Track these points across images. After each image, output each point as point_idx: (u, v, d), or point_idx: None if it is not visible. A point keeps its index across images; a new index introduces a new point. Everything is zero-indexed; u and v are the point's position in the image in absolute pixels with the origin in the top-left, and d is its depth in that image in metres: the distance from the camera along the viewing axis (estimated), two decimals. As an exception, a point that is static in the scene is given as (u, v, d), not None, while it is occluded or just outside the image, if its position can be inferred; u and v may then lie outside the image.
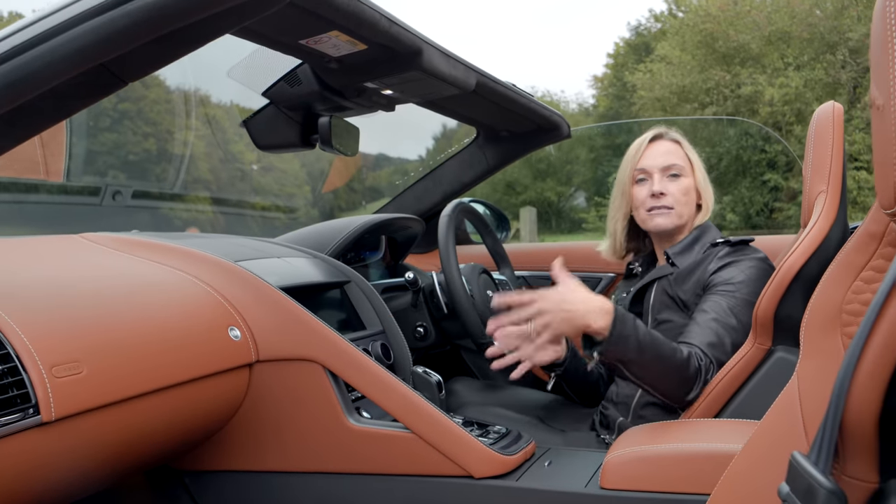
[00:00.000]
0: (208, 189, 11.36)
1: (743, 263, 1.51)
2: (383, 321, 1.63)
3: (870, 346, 0.58)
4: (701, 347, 1.41)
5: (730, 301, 1.46)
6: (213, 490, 1.39)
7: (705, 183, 1.67)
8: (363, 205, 14.82)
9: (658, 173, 1.64)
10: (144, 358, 1.10)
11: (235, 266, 1.37)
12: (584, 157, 20.01)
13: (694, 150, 1.69)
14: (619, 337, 1.30)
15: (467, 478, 1.27)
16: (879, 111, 0.78)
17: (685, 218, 1.64)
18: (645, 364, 1.34)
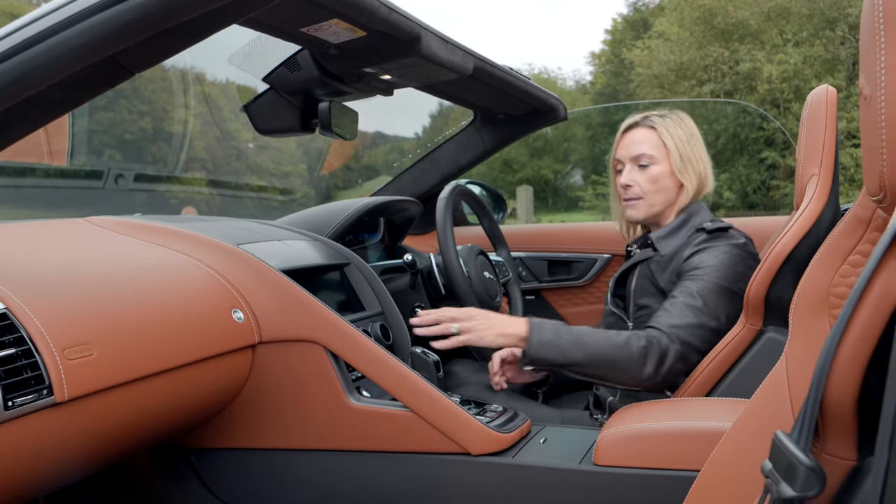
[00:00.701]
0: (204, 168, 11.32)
1: (716, 249, 1.51)
2: (382, 302, 1.66)
3: (850, 330, 0.61)
4: (659, 327, 1.43)
5: (698, 284, 1.46)
6: (217, 467, 1.43)
7: (687, 164, 1.62)
8: (359, 183, 14.80)
9: (629, 163, 1.65)
10: (151, 340, 1.13)
11: (238, 249, 1.40)
12: (581, 134, 19.97)
13: (678, 131, 1.63)
14: (537, 345, 1.42)
15: (465, 455, 1.31)
16: (867, 101, 0.80)
17: (659, 206, 1.63)
18: (578, 363, 1.41)
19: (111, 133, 8.33)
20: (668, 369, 1.40)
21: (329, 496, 1.38)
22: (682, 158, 1.62)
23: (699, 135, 1.67)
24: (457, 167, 2.17)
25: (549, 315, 2.29)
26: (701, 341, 1.43)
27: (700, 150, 1.65)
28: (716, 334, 1.44)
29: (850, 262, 1.01)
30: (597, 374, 1.42)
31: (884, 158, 0.77)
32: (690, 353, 1.43)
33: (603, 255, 2.21)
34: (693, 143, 1.65)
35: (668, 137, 1.62)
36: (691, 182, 1.62)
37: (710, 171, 1.67)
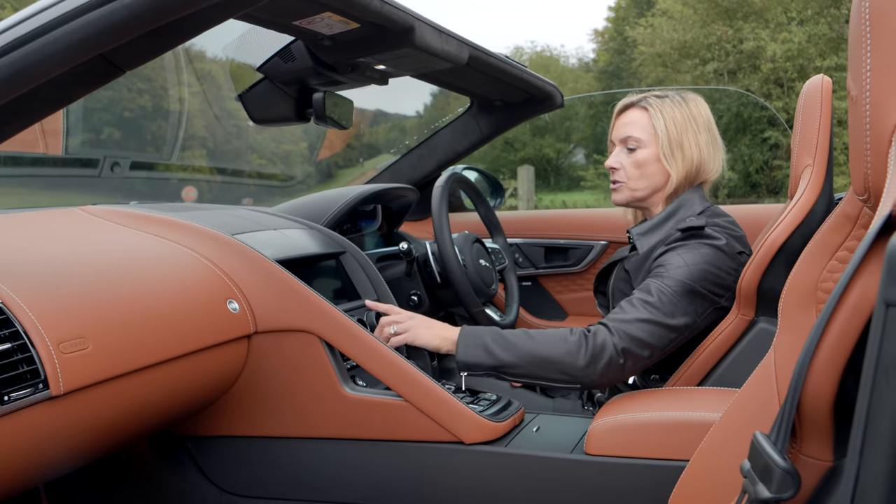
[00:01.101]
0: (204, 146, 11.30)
1: (685, 248, 1.45)
2: (378, 291, 1.68)
3: (828, 334, 0.62)
4: (605, 322, 1.39)
5: (658, 282, 1.41)
6: (214, 454, 1.45)
7: (676, 151, 1.54)
8: (360, 162, 14.76)
9: (618, 145, 1.60)
10: (146, 332, 1.14)
11: (233, 239, 1.40)
12: (584, 113, 19.89)
13: (674, 114, 1.55)
14: (465, 347, 1.40)
15: (458, 443, 1.32)
16: (853, 101, 0.81)
17: (642, 191, 1.58)
18: (510, 365, 1.38)
19: (111, 111, 8.31)
20: (607, 364, 1.35)
21: (324, 484, 1.40)
22: (671, 144, 1.54)
23: (706, 120, 1.58)
24: (453, 154, 2.17)
25: (546, 301, 2.30)
26: (652, 336, 1.37)
27: (697, 136, 1.56)
28: (674, 331, 1.39)
29: (838, 258, 1.03)
30: (533, 373, 1.38)
31: (868, 160, 0.78)
32: (637, 348, 1.36)
33: (599, 241, 2.22)
34: (690, 128, 1.55)
35: (660, 120, 1.55)
36: (677, 170, 1.54)
37: (713, 159, 1.58)
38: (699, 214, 1.53)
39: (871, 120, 0.77)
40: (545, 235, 2.28)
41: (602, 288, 1.66)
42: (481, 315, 1.72)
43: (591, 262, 2.22)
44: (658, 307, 1.38)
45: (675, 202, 1.57)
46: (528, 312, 2.27)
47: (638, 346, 1.36)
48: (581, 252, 2.22)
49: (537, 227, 2.29)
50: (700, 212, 1.54)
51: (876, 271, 0.61)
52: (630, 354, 1.36)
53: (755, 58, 16.46)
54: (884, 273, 0.50)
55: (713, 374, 1.44)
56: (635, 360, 1.37)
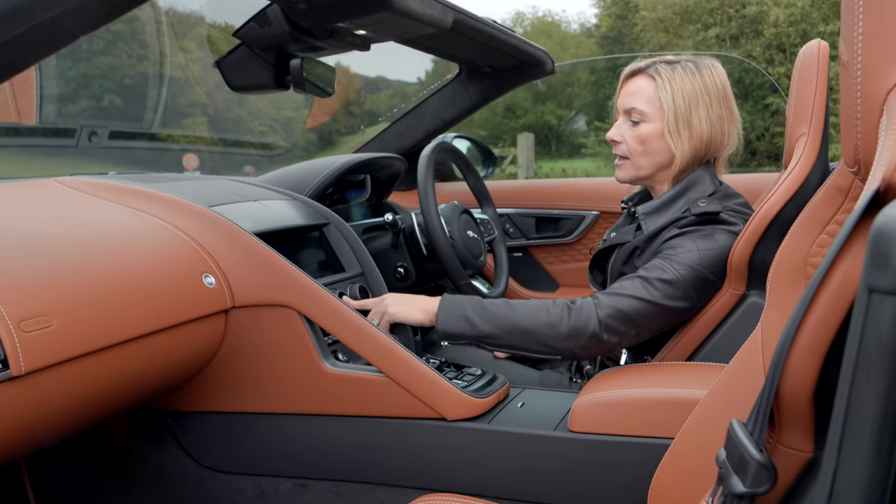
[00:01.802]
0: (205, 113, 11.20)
1: (699, 234, 1.38)
2: (362, 263, 1.64)
3: (809, 318, 0.58)
4: (596, 295, 1.33)
5: (663, 263, 1.35)
6: (194, 430, 1.43)
7: (682, 127, 1.43)
8: (361, 129, 14.64)
9: (622, 116, 1.50)
10: (117, 308, 1.11)
11: (210, 211, 1.36)
12: (585, 79, 19.67)
13: (684, 84, 1.43)
14: (445, 317, 1.37)
15: (440, 420, 1.30)
16: (845, 67, 0.76)
17: (647, 169, 1.48)
18: (491, 335, 1.34)
19: (111, 77, 8.20)
20: (589, 338, 1.30)
21: (306, 460, 1.38)
22: (678, 119, 1.42)
23: (720, 90, 1.46)
24: (442, 122, 2.12)
25: (537, 272, 2.27)
26: (642, 316, 1.32)
27: (709, 110, 1.44)
28: (669, 313, 1.34)
29: (828, 232, 0.99)
30: (514, 344, 1.34)
31: (858, 130, 0.74)
32: (622, 325, 1.31)
33: (591, 211, 2.18)
34: (701, 101, 1.43)
35: (667, 92, 1.43)
36: (682, 150, 1.44)
37: (725, 133, 1.47)
38: (710, 196, 1.45)
39: (862, 87, 0.72)
40: (536, 206, 2.23)
41: (601, 263, 1.59)
42: (468, 288, 1.68)
43: (583, 233, 2.18)
44: (658, 287, 1.33)
45: (683, 181, 1.47)
46: (519, 284, 2.24)
47: (623, 322, 1.32)
48: (573, 222, 2.18)
49: (528, 197, 2.25)
50: (711, 193, 1.45)
51: (862, 251, 0.57)
52: (614, 330, 1.32)
53: (758, 23, 16.22)
54: (867, 255, 0.46)
55: (702, 349, 1.41)
56: (620, 336, 1.33)
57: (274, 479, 1.40)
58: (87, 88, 8.13)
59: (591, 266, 1.61)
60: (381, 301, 1.45)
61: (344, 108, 14.98)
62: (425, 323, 1.41)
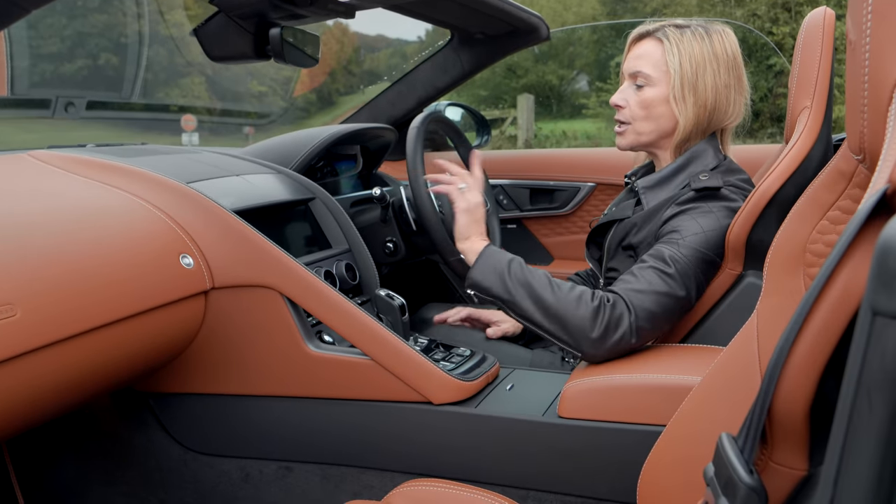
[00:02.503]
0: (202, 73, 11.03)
1: (699, 211, 1.32)
2: (349, 239, 1.59)
3: (806, 330, 0.54)
4: (619, 292, 1.25)
5: (671, 249, 1.28)
6: (177, 412, 1.40)
7: (687, 93, 1.37)
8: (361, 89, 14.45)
9: (627, 80, 1.44)
10: (87, 294, 1.06)
11: (187, 188, 1.31)
12: (587, 38, 19.32)
13: (692, 49, 1.37)
14: (482, 267, 1.30)
15: (427, 403, 1.27)
16: (852, 46, 0.71)
17: (648, 135, 1.43)
18: (520, 306, 1.25)
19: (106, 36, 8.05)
20: (619, 340, 1.22)
21: (291, 443, 1.35)
22: (684, 83, 1.37)
23: (730, 57, 1.40)
24: (434, 90, 2.05)
25: (531, 244, 2.22)
26: (666, 312, 1.25)
27: (716, 77, 1.38)
28: (682, 303, 1.28)
29: (830, 219, 0.94)
30: (540, 323, 1.25)
31: (865, 117, 0.69)
32: (652, 326, 1.24)
33: (587, 183, 2.12)
34: (709, 67, 1.37)
35: (674, 56, 1.37)
36: (686, 116, 1.38)
37: (731, 103, 1.41)
38: (713, 170, 1.39)
39: (871, 71, 0.67)
40: (530, 176, 2.18)
41: (598, 239, 1.54)
42: (458, 264, 1.63)
43: (579, 205, 2.12)
44: (675, 278, 1.26)
45: (686, 153, 1.42)
46: (513, 256, 2.19)
47: (653, 323, 1.24)
48: (568, 194, 2.13)
49: (522, 168, 2.19)
50: (714, 167, 1.40)
51: (865, 259, 0.52)
52: (644, 333, 1.24)
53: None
54: (872, 273, 0.42)
55: (697, 331, 1.37)
56: (643, 338, 1.25)
57: (258, 462, 1.37)
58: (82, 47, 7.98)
59: (589, 241, 1.56)
60: (461, 196, 1.43)
61: (343, 68, 14.76)
62: (465, 256, 1.38)
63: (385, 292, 1.41)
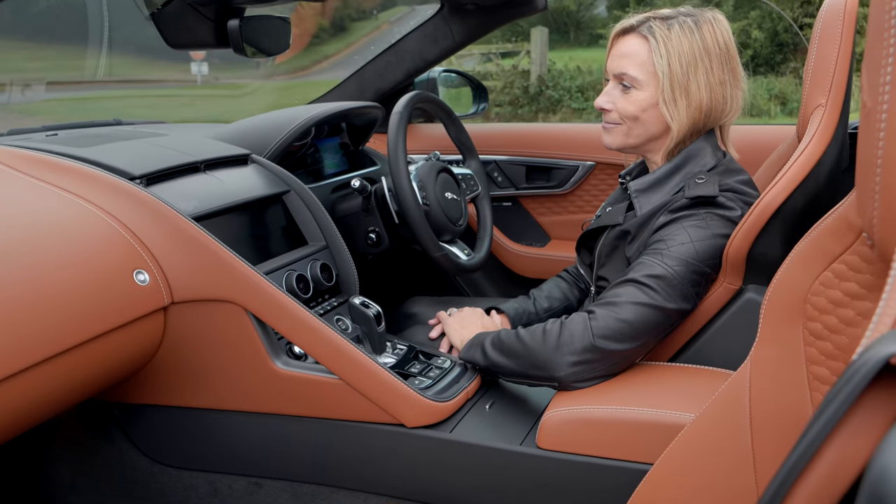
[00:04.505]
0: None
1: (691, 220, 1.22)
2: (326, 235, 1.50)
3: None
4: (594, 309, 1.19)
5: (654, 259, 1.19)
6: (143, 423, 1.34)
7: (679, 95, 1.26)
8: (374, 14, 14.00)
9: (612, 80, 1.33)
10: (27, 325, 0.98)
11: (146, 195, 1.21)
12: (607, -37, 18.60)
13: (681, 45, 1.25)
14: (468, 347, 1.34)
15: (399, 426, 1.20)
16: (866, 112, 0.60)
17: (637, 137, 1.32)
18: (497, 363, 1.26)
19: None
20: (585, 348, 1.15)
21: (260, 459, 1.29)
22: (674, 86, 1.26)
23: (723, 49, 1.28)
24: (423, 62, 1.92)
25: (527, 223, 2.11)
26: (644, 323, 1.17)
27: (709, 74, 1.26)
28: (673, 316, 1.20)
29: (835, 272, 0.84)
30: (515, 369, 1.24)
31: (877, 200, 0.58)
32: (623, 334, 1.16)
33: (586, 161, 1.99)
34: (700, 65, 1.26)
35: (662, 56, 1.26)
36: (679, 120, 1.27)
37: (728, 99, 1.30)
38: (710, 170, 1.28)
39: (885, 153, 0.56)
40: (527, 153, 2.05)
41: (589, 243, 1.44)
42: (443, 260, 1.55)
43: (577, 184, 2.00)
44: (653, 287, 1.17)
45: (681, 154, 1.31)
46: (508, 237, 2.09)
47: (622, 331, 1.16)
48: (566, 172, 2.01)
49: (518, 144, 2.06)
50: (711, 167, 1.29)
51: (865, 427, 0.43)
52: (612, 338, 1.16)
53: None
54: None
55: (692, 347, 1.28)
56: (621, 345, 1.16)
57: (227, 477, 1.32)
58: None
59: (579, 246, 1.46)
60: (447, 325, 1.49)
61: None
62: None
63: (360, 300, 1.32)
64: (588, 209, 2.02)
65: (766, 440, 0.89)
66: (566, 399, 1.16)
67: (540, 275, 2.00)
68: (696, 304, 1.23)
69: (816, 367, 0.84)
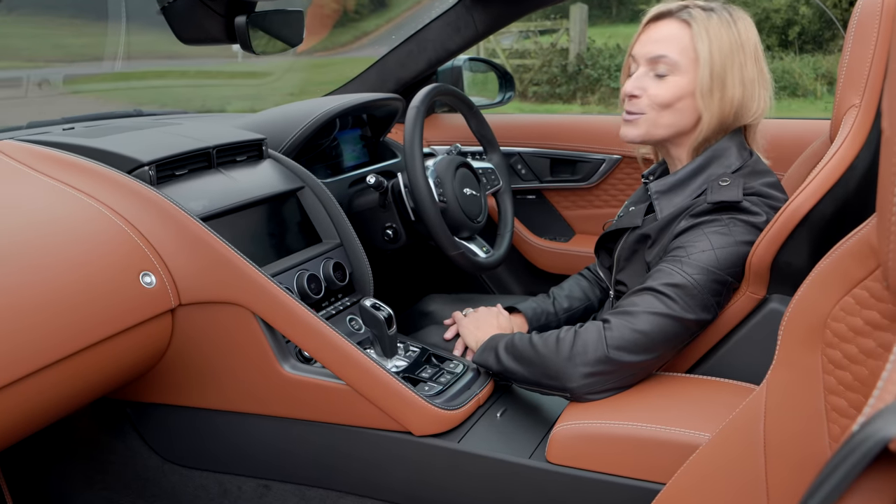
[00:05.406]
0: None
1: (713, 226, 1.17)
2: (341, 232, 1.48)
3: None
4: (610, 318, 1.15)
5: (674, 267, 1.15)
6: (155, 422, 1.34)
7: (716, 87, 1.21)
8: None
9: (644, 66, 1.26)
10: (30, 331, 0.98)
11: (155, 193, 1.20)
12: (651, -63, 18.16)
13: (721, 36, 1.21)
14: (481, 351, 1.31)
15: (406, 434, 1.18)
16: (886, 139, 0.56)
17: (664, 129, 1.26)
18: (510, 369, 1.23)
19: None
20: (598, 360, 1.12)
21: (269, 461, 1.28)
22: (713, 77, 1.21)
23: (754, 46, 1.24)
24: (445, 52, 1.87)
25: (551, 217, 2.06)
26: (661, 333, 1.12)
27: (743, 69, 1.22)
28: (693, 326, 1.16)
29: (856, 298, 0.79)
30: (528, 377, 1.20)
31: (892, 242, 0.54)
32: (638, 345, 1.12)
33: (612, 155, 1.93)
34: (737, 58, 1.22)
35: (704, 43, 1.21)
36: (711, 114, 1.22)
37: (757, 98, 1.25)
38: (735, 172, 1.23)
39: (903, 192, 0.51)
40: (551, 145, 2.00)
41: (608, 245, 1.39)
42: (460, 258, 1.51)
43: (602, 178, 1.95)
44: (672, 297, 1.13)
45: (705, 153, 1.25)
46: (531, 231, 2.05)
47: (637, 342, 1.11)
48: (591, 166, 1.95)
49: (543, 136, 2.01)
50: (736, 168, 1.23)
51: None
52: (627, 349, 1.11)
53: None
54: None
55: (710, 359, 1.24)
56: (636, 356, 1.12)
57: (237, 478, 1.32)
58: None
59: (598, 248, 1.42)
60: (462, 326, 1.47)
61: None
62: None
63: (371, 302, 1.30)
64: (614, 203, 1.97)
65: (779, 468, 0.85)
66: (578, 411, 1.12)
67: (563, 270, 1.96)
68: (716, 315, 1.18)
69: (835, 398, 0.79)
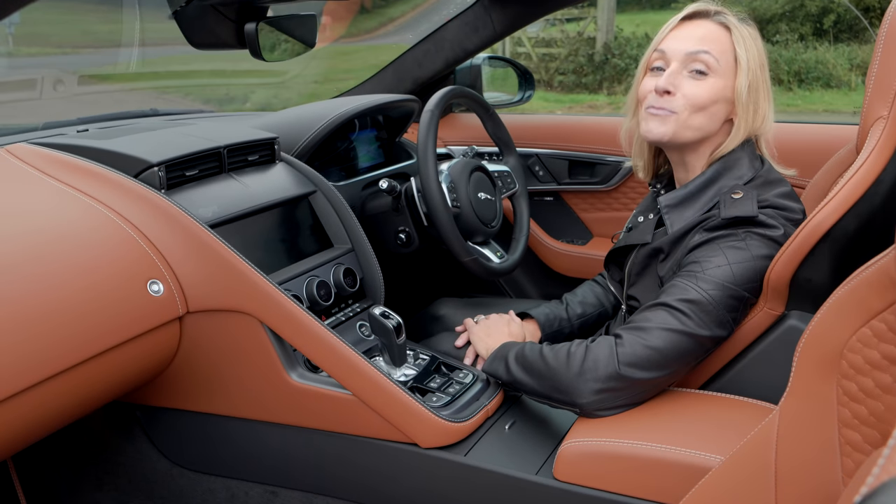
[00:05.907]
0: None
1: (728, 241, 1.13)
2: (352, 237, 1.46)
3: None
4: (622, 334, 1.12)
5: (689, 283, 1.11)
6: (165, 426, 1.34)
7: (752, 97, 1.19)
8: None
9: (679, 62, 1.20)
10: (37, 340, 0.98)
11: (164, 200, 1.19)
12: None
13: (754, 48, 1.20)
14: (491, 360, 1.29)
15: (413, 446, 1.17)
16: None
17: (694, 134, 1.21)
18: (519, 380, 1.21)
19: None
20: (609, 376, 1.09)
21: (276, 468, 1.28)
22: (751, 83, 1.19)
23: (766, 62, 1.25)
24: (462, 52, 1.84)
25: (569, 219, 2.03)
26: (675, 349, 1.10)
27: (767, 81, 1.23)
28: (707, 343, 1.13)
29: (874, 330, 0.76)
30: (536, 389, 1.18)
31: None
32: (651, 362, 1.09)
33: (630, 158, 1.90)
34: (765, 69, 1.23)
35: (743, 49, 1.18)
36: (747, 121, 1.20)
37: (769, 111, 1.25)
38: (747, 183, 1.19)
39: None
40: (570, 147, 1.97)
41: (619, 259, 1.36)
42: (473, 264, 1.49)
43: (621, 181, 1.91)
44: (687, 313, 1.10)
45: (715, 165, 1.22)
46: (547, 233, 2.02)
47: (649, 358, 1.09)
48: (610, 169, 1.92)
49: (561, 137, 1.98)
50: (749, 180, 1.20)
51: None
52: (638, 366, 1.09)
53: None
54: None
55: (725, 375, 1.20)
56: (648, 373, 1.10)
57: (244, 483, 1.32)
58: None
59: (608, 262, 1.39)
60: (473, 333, 1.45)
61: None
62: None
63: (380, 311, 1.28)
64: (633, 207, 1.93)
65: (789, 496, 0.83)
66: (587, 428, 1.10)
67: (580, 273, 1.93)
68: (732, 331, 1.15)
69: (849, 432, 0.77)
